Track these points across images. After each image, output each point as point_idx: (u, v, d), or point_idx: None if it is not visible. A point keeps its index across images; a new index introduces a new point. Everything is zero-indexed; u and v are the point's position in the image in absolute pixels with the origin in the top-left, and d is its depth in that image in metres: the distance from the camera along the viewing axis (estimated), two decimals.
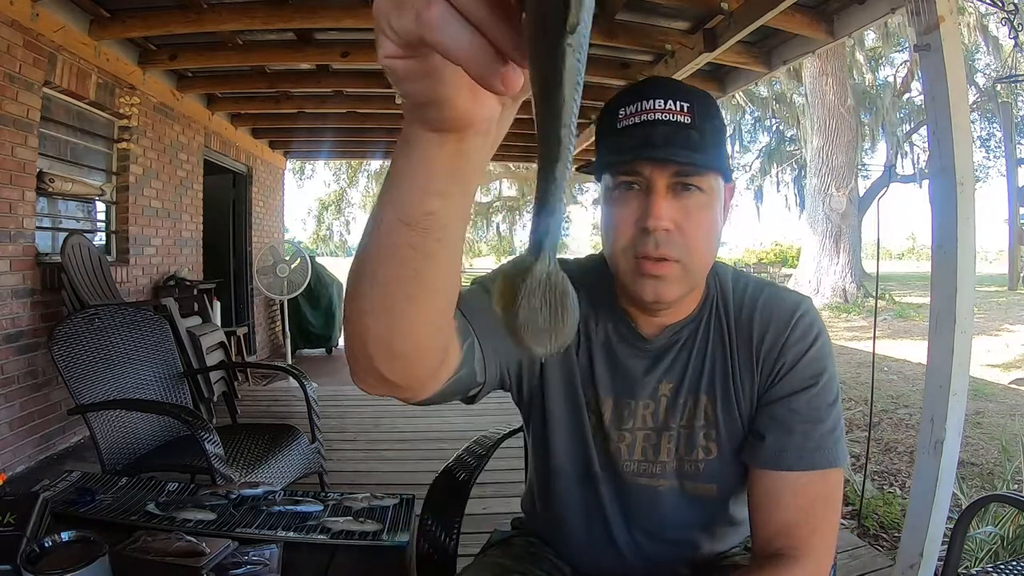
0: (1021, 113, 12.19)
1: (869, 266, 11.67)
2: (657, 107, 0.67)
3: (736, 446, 0.76)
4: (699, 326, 0.78)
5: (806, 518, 0.69)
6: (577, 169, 0.77)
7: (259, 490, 1.06)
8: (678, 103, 0.68)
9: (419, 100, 0.30)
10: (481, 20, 0.24)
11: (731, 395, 0.76)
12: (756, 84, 4.68)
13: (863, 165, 14.23)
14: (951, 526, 1.49)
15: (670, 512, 0.79)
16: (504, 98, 0.31)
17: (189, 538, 0.84)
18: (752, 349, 0.75)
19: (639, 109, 0.68)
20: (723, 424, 0.76)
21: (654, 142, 0.67)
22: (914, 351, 6.61)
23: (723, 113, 0.76)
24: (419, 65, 0.28)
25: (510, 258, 0.52)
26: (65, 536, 0.70)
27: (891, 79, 14.74)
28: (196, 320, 3.76)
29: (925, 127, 4.88)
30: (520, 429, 1.04)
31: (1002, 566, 1.33)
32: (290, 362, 5.72)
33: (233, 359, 4.58)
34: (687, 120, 0.67)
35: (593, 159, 0.75)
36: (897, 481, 3.08)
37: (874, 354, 3.01)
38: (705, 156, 0.67)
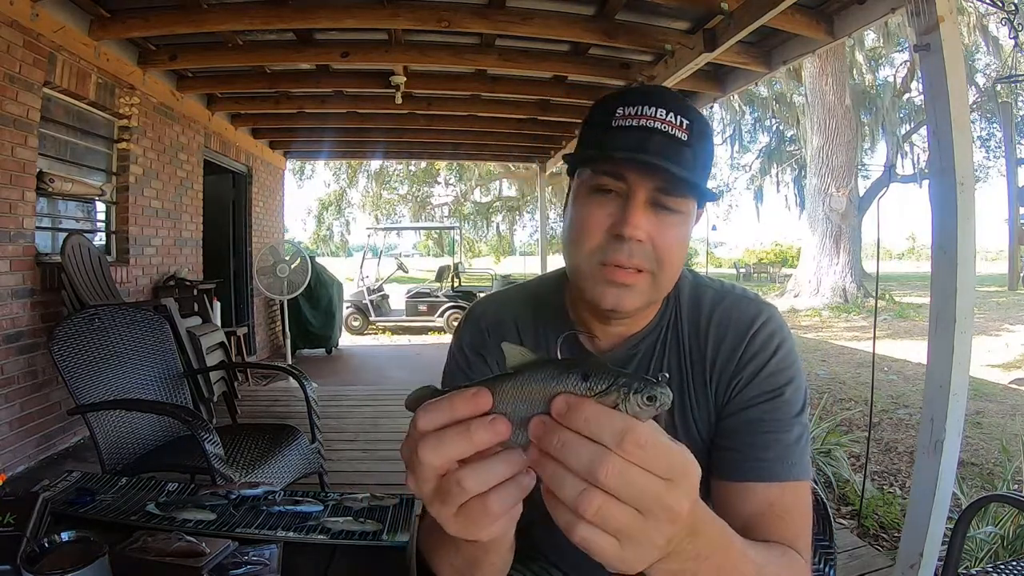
0: (1021, 113, 12.18)
1: (869, 266, 11.68)
2: (659, 116, 0.64)
3: (699, 461, 0.73)
4: (657, 338, 0.75)
5: (782, 527, 0.64)
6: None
7: (259, 490, 1.06)
8: (679, 118, 0.65)
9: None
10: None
11: (687, 411, 0.73)
12: (756, 84, 4.68)
13: (863, 165, 14.25)
14: (951, 526, 1.49)
15: None
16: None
17: (189, 538, 0.84)
18: (706, 366, 0.72)
19: (640, 113, 0.64)
20: (683, 439, 0.74)
21: (648, 148, 0.63)
22: (914, 351, 6.61)
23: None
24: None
25: None
26: (65, 536, 0.69)
27: (891, 79, 14.76)
28: (196, 320, 3.76)
29: (925, 127, 4.87)
30: None
31: (1002, 566, 1.34)
32: (290, 362, 5.72)
33: (233, 359, 4.58)
34: (684, 137, 0.64)
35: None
36: (897, 481, 3.08)
37: (874, 354, 3.01)
38: (692, 176, 0.64)
